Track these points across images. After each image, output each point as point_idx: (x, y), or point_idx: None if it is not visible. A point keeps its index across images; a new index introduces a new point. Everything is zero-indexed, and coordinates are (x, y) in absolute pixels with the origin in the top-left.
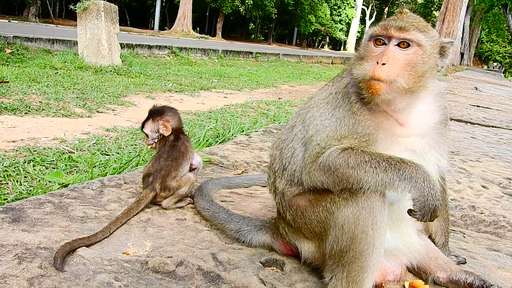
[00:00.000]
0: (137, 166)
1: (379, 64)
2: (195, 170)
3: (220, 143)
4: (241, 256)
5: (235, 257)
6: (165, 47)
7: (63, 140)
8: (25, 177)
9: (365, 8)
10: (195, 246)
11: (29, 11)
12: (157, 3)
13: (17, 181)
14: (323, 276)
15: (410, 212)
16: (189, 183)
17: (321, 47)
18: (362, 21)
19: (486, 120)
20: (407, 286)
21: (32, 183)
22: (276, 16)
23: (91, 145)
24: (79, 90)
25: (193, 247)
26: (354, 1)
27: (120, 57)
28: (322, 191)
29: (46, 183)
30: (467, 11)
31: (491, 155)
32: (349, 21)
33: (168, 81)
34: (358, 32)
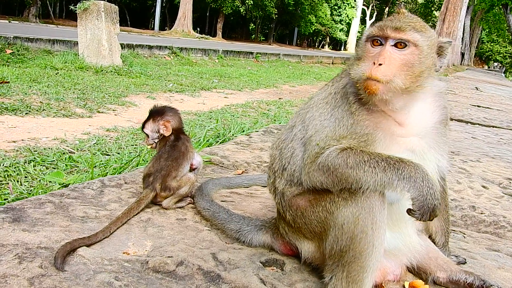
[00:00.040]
0: (137, 166)
1: (375, 64)
2: (195, 170)
3: (220, 143)
4: (241, 256)
5: (235, 257)
6: (166, 47)
7: (63, 140)
8: (25, 177)
9: (365, 8)
10: (195, 246)
11: (29, 12)
12: (157, 3)
13: (17, 181)
14: (323, 276)
15: (410, 212)
16: (189, 183)
17: (322, 47)
18: (363, 21)
19: (486, 120)
20: (407, 286)
21: (33, 183)
22: (277, 16)
23: (91, 145)
24: (79, 90)
25: (193, 247)
26: (355, 1)
27: (121, 57)
28: (321, 191)
29: (46, 183)
30: (467, 11)
31: (492, 155)
32: (350, 21)
33: (168, 81)
34: (359, 32)
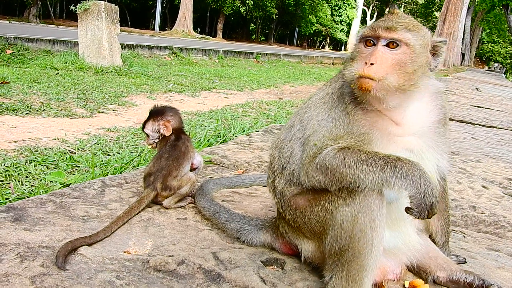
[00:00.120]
0: (138, 166)
1: (367, 64)
2: (196, 169)
3: (221, 143)
4: (242, 255)
5: (236, 256)
6: (166, 47)
7: (64, 140)
8: (26, 177)
9: (365, 9)
10: (196, 245)
11: (29, 12)
12: (157, 3)
13: (18, 181)
14: (323, 275)
15: (408, 210)
16: (190, 182)
17: (322, 47)
18: (363, 22)
19: (486, 121)
20: (407, 285)
21: (34, 183)
22: (277, 16)
23: (92, 145)
24: (80, 90)
25: (194, 246)
26: (355, 1)
27: (121, 57)
28: (320, 191)
29: (47, 183)
30: (468, 11)
31: (492, 155)
32: (350, 22)
33: (169, 81)
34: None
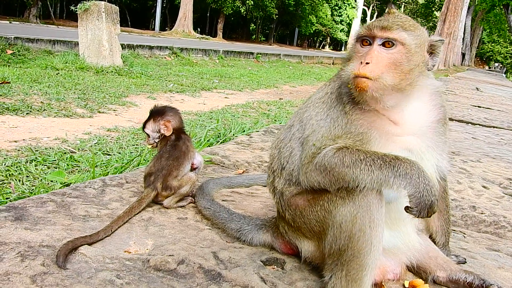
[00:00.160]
0: (138, 166)
1: (363, 63)
2: (196, 169)
3: (221, 143)
4: (242, 255)
5: (236, 256)
6: (166, 47)
7: (64, 140)
8: (27, 176)
9: (366, 9)
10: (196, 244)
11: (30, 12)
12: (158, 4)
13: (19, 180)
14: (323, 275)
15: (407, 209)
16: (190, 182)
17: (322, 47)
18: (363, 22)
19: (487, 121)
20: (407, 285)
21: (34, 182)
22: (277, 16)
23: (92, 145)
24: (80, 90)
25: (194, 246)
26: (355, 1)
27: (121, 57)
28: (320, 191)
29: (48, 183)
30: (468, 11)
31: (492, 155)
32: (350, 22)
33: (169, 81)
34: None
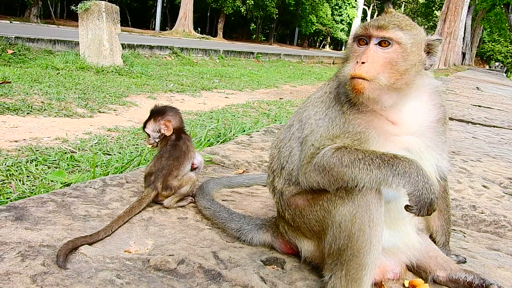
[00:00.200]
0: (138, 166)
1: (359, 63)
2: (196, 169)
3: (221, 143)
4: (242, 255)
5: (236, 256)
6: (166, 47)
7: (65, 140)
8: (27, 176)
9: (366, 8)
10: (196, 244)
11: (30, 12)
12: (158, 3)
13: (19, 180)
14: (323, 275)
15: (407, 208)
16: (190, 182)
17: (323, 47)
18: (364, 21)
19: (487, 120)
20: (406, 285)
21: (35, 182)
22: (277, 16)
23: (93, 145)
24: (80, 90)
25: (194, 246)
26: (355, 1)
27: (122, 57)
28: (319, 190)
29: (48, 182)
30: (468, 10)
31: (492, 155)
32: (350, 21)
33: (169, 81)
34: None
